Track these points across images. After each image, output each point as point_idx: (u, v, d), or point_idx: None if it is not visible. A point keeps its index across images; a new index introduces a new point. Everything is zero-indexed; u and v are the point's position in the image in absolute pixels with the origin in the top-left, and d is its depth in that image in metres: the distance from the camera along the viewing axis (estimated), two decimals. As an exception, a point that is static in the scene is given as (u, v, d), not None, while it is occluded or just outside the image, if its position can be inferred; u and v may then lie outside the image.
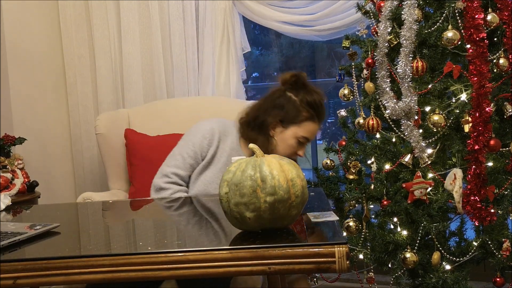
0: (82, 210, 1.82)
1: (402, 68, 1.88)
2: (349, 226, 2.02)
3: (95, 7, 2.92)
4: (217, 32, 2.81)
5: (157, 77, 2.88)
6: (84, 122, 3.01)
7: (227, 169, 1.18)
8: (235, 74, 2.82)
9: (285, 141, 1.86)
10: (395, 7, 1.95)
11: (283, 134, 1.86)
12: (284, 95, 1.88)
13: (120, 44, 2.91)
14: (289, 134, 1.86)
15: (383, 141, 2.07)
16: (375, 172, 2.02)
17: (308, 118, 1.85)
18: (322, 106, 1.89)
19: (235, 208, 1.13)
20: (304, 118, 1.85)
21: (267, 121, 1.86)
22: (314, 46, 3.58)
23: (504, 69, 1.86)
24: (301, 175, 1.16)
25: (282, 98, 1.88)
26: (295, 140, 1.86)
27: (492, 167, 1.88)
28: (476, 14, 1.79)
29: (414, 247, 1.89)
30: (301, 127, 1.86)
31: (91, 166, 3.02)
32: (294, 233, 1.21)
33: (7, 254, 1.15)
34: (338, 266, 1.05)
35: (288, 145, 1.86)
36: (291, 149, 1.87)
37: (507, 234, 1.87)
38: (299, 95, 1.87)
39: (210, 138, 1.88)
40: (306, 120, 1.85)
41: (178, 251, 1.10)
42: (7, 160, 2.46)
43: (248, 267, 1.07)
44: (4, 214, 1.70)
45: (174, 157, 1.90)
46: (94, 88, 2.99)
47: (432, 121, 1.86)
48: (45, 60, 2.93)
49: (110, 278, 1.09)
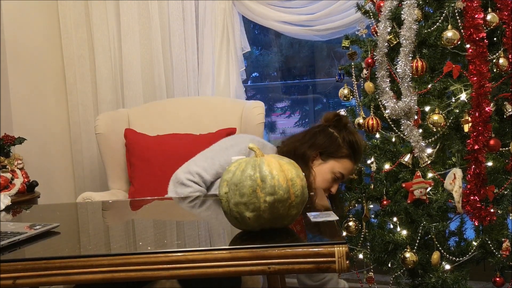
0: (81, 210, 1.82)
1: (401, 68, 1.88)
2: (348, 226, 2.02)
3: (95, 7, 2.92)
4: (217, 32, 2.81)
5: (156, 77, 2.88)
6: (84, 122, 3.01)
7: (227, 169, 1.18)
8: (234, 74, 2.82)
9: (323, 174, 1.87)
10: (394, 7, 1.95)
11: (321, 167, 1.87)
12: (326, 130, 1.91)
13: (119, 44, 2.91)
14: (328, 168, 1.87)
15: (383, 141, 2.07)
16: (375, 172, 2.02)
17: (348, 155, 1.88)
18: (361, 148, 1.92)
19: (235, 208, 1.13)
20: (344, 154, 1.88)
21: (307, 153, 1.87)
22: (314, 46, 3.57)
23: (504, 68, 1.86)
24: (300, 175, 1.16)
25: (324, 133, 1.90)
26: (332, 175, 1.87)
27: (491, 167, 1.88)
28: (476, 14, 1.79)
29: (413, 247, 1.89)
30: (339, 163, 1.88)
31: (91, 166, 3.02)
32: (294, 233, 1.21)
33: (7, 254, 1.15)
34: (337, 266, 1.05)
35: (325, 179, 1.87)
36: (327, 183, 1.88)
37: (507, 233, 1.87)
38: (341, 133, 1.90)
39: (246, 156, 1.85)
40: (345, 157, 1.88)
41: (177, 251, 1.10)
42: (7, 160, 2.46)
43: (248, 267, 1.07)
44: (4, 214, 1.70)
45: (205, 159, 1.88)
46: (94, 88, 2.99)
47: (431, 121, 1.86)
48: (45, 60, 2.93)
49: (109, 278, 1.09)
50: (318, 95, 3.73)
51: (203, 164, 1.86)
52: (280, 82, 3.80)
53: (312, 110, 3.73)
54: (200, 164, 1.86)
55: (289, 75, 3.83)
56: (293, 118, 4.13)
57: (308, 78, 3.77)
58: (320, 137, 1.90)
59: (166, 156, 2.37)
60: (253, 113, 2.46)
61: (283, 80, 3.82)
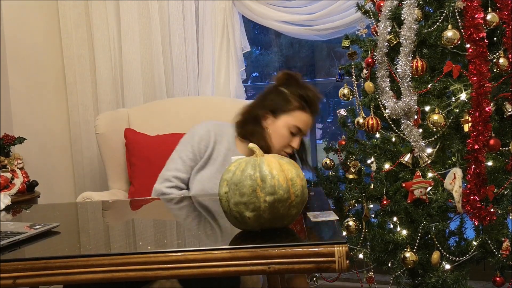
0: (81, 210, 1.82)
1: (401, 68, 1.88)
2: (348, 225, 2.02)
3: (95, 7, 2.92)
4: (217, 31, 2.81)
5: (156, 77, 2.88)
6: (84, 121, 3.01)
7: (227, 169, 1.18)
8: (234, 73, 2.82)
9: (277, 131, 1.88)
10: (395, 7, 1.95)
11: (274, 125, 1.88)
12: (276, 89, 1.93)
13: (120, 44, 2.91)
14: (281, 124, 1.87)
15: (383, 140, 2.06)
16: (375, 172, 2.02)
17: (299, 107, 1.88)
18: (314, 98, 1.92)
19: (235, 208, 1.13)
20: (294, 107, 1.88)
21: (258, 114, 1.90)
22: (314, 45, 3.57)
23: (504, 68, 1.86)
24: (300, 174, 1.16)
25: (274, 92, 1.92)
26: (286, 129, 1.87)
27: (491, 166, 1.88)
28: (476, 14, 1.79)
29: (413, 247, 1.89)
30: (291, 116, 1.87)
31: (91, 165, 3.02)
32: (293, 232, 1.21)
33: (7, 254, 1.15)
34: (337, 265, 1.05)
35: (280, 135, 1.87)
36: (284, 140, 1.87)
37: (507, 233, 1.87)
38: (290, 88, 1.91)
39: (207, 140, 1.91)
40: (297, 109, 1.88)
41: (177, 250, 1.10)
42: (7, 160, 2.46)
43: (248, 267, 1.07)
44: (4, 213, 1.70)
45: (173, 161, 1.92)
46: (94, 87, 2.99)
47: (431, 120, 1.86)
48: (45, 60, 2.93)
49: (109, 278, 1.09)
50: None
51: (174, 166, 1.90)
52: (280, 82, 3.80)
53: (312, 110, 3.72)
54: (171, 167, 1.91)
55: (289, 75, 3.82)
56: (293, 118, 4.12)
57: (308, 77, 3.76)
58: (270, 96, 1.92)
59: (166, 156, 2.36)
60: (253, 113, 2.45)
61: (283, 80, 3.81)
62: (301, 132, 1.90)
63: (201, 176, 1.88)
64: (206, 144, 1.91)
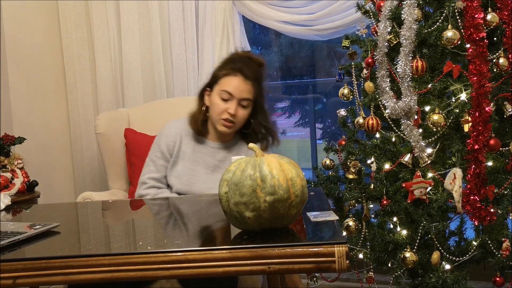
0: (82, 210, 1.82)
1: (402, 68, 1.88)
2: (348, 225, 2.01)
3: (95, 7, 2.92)
4: (217, 31, 2.81)
5: (157, 76, 2.88)
6: (84, 121, 3.01)
7: (227, 169, 1.18)
8: (235, 73, 2.81)
9: (212, 102, 1.96)
10: (395, 7, 1.95)
11: (210, 98, 1.97)
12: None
13: (120, 44, 2.91)
14: (214, 95, 1.95)
15: (383, 140, 2.06)
16: (375, 172, 2.02)
17: (226, 74, 1.94)
18: (234, 57, 2.00)
19: (235, 208, 1.13)
20: (222, 75, 1.95)
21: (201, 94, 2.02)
22: (314, 45, 3.58)
23: (504, 68, 1.86)
24: (300, 174, 1.16)
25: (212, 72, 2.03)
26: (218, 97, 1.93)
27: (491, 166, 1.88)
28: (476, 14, 1.79)
29: (413, 247, 1.89)
30: (220, 84, 1.94)
31: (91, 165, 3.02)
32: (293, 232, 1.21)
33: (7, 254, 1.15)
34: (337, 265, 1.05)
35: (214, 104, 1.94)
36: (219, 108, 1.93)
37: (507, 233, 1.87)
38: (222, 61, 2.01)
39: (172, 138, 2.01)
40: (224, 76, 1.95)
41: (177, 250, 1.10)
42: (7, 160, 2.46)
43: (248, 267, 1.07)
44: (4, 213, 1.70)
45: (146, 164, 2.04)
46: (94, 87, 2.99)
47: (432, 120, 1.86)
48: (45, 60, 2.93)
49: (109, 278, 1.09)
50: (318, 95, 3.73)
51: (147, 169, 2.01)
52: (280, 82, 3.80)
53: (312, 109, 3.73)
54: (145, 171, 2.02)
55: (289, 75, 3.83)
56: (293, 118, 4.13)
57: (308, 78, 3.77)
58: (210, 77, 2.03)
59: (166, 156, 2.37)
60: (253, 112, 2.45)
61: (283, 80, 3.82)
62: (232, 95, 1.92)
63: (176, 172, 1.97)
64: (173, 142, 2.00)
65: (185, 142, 2.01)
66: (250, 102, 1.95)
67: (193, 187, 1.95)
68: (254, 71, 1.96)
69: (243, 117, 1.95)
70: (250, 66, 1.96)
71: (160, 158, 2.00)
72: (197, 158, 2.00)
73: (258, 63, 2.00)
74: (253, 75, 1.95)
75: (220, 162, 2.00)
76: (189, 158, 1.99)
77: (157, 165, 2.00)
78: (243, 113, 1.95)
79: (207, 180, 1.97)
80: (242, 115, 1.94)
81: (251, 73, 1.94)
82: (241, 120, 1.96)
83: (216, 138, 2.02)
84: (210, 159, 2.00)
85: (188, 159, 1.99)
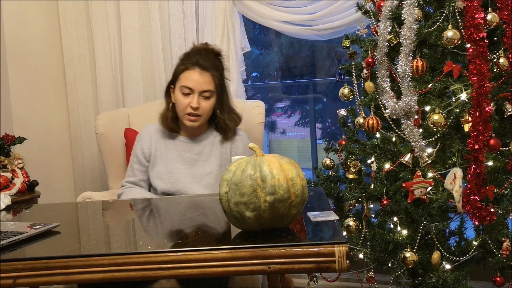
0: (82, 210, 1.82)
1: (402, 68, 1.88)
2: (349, 225, 2.01)
3: (95, 7, 2.92)
4: (217, 31, 2.81)
5: (157, 76, 2.88)
6: (84, 121, 3.01)
7: (227, 169, 1.18)
8: (235, 73, 2.82)
9: (176, 99, 2.02)
10: (395, 7, 1.95)
11: (174, 95, 2.04)
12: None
13: (120, 44, 2.91)
14: (176, 92, 2.01)
15: (383, 140, 2.06)
16: (375, 172, 2.02)
17: (184, 69, 2.00)
18: (194, 52, 2.03)
19: (235, 208, 1.13)
20: (181, 70, 2.01)
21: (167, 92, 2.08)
22: (314, 45, 3.57)
23: (504, 68, 1.86)
24: (301, 174, 1.16)
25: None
26: (180, 93, 1.99)
27: (492, 166, 1.88)
28: (476, 14, 1.79)
29: (414, 247, 1.89)
30: (181, 80, 2.00)
31: (91, 165, 3.02)
32: (294, 232, 1.21)
33: (7, 254, 1.15)
34: (338, 265, 1.05)
35: (178, 101, 2.01)
36: (182, 104, 1.99)
37: (507, 233, 1.87)
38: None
39: (146, 140, 2.10)
40: (182, 71, 2.00)
41: (178, 250, 1.10)
42: (7, 160, 2.46)
43: (248, 267, 1.07)
44: (4, 213, 1.70)
45: (126, 171, 2.16)
46: (94, 87, 2.99)
47: (432, 120, 1.86)
48: (45, 60, 2.93)
49: (110, 278, 1.09)
50: (318, 94, 3.73)
51: (127, 174, 2.14)
52: (280, 82, 3.80)
53: (312, 109, 3.73)
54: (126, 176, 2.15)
55: (289, 74, 3.83)
56: (293, 118, 4.13)
57: (308, 77, 3.77)
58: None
59: (166, 156, 2.37)
60: (253, 112, 2.46)
61: (283, 80, 3.82)
62: (192, 89, 1.97)
63: (157, 172, 2.04)
64: (147, 146, 2.09)
65: (159, 143, 2.08)
66: (213, 93, 1.99)
67: (176, 184, 2.00)
68: (211, 61, 2.00)
69: (208, 108, 2.00)
70: (206, 57, 2.01)
71: (135, 163, 2.09)
72: (174, 156, 2.04)
73: (214, 53, 2.04)
74: (210, 65, 1.99)
75: (197, 155, 2.04)
76: (167, 157, 2.05)
77: (134, 169, 2.10)
78: (207, 105, 1.99)
79: (188, 175, 2.01)
80: (205, 107, 1.99)
81: (208, 64, 1.99)
82: (206, 112, 2.00)
83: (189, 133, 2.07)
84: (187, 154, 2.04)
85: (165, 159, 2.05)
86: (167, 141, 2.08)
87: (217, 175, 2.01)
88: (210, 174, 2.01)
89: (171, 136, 2.09)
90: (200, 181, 2.00)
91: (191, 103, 1.96)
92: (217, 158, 2.05)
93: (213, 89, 1.99)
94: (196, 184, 1.99)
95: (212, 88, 1.99)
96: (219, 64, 2.05)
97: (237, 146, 2.08)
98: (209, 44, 2.10)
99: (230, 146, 2.07)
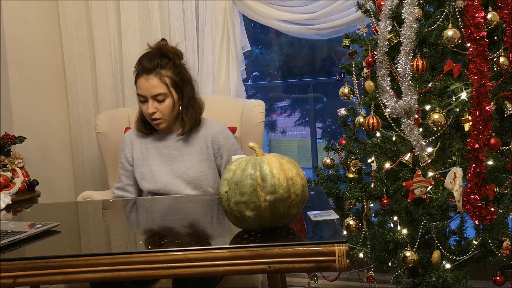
0: (82, 209, 1.82)
1: (402, 67, 1.88)
2: (349, 224, 2.02)
3: (95, 6, 2.92)
4: (217, 31, 2.80)
5: (157, 76, 2.88)
6: (84, 121, 3.01)
7: (228, 168, 1.18)
8: (235, 73, 2.81)
9: (139, 107, 2.06)
10: (395, 6, 1.95)
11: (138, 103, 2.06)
12: None
13: (120, 43, 2.91)
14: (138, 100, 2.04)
15: (383, 139, 2.06)
16: (375, 171, 2.02)
17: (135, 78, 2.01)
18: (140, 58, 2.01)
19: (235, 207, 1.13)
20: (135, 81, 2.02)
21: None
22: (314, 44, 3.58)
23: (504, 67, 1.86)
24: (301, 173, 1.16)
25: None
26: (139, 101, 2.03)
27: (492, 165, 1.88)
28: (476, 13, 1.79)
29: (414, 246, 1.89)
30: (136, 89, 2.02)
31: (91, 165, 3.02)
32: (294, 232, 1.21)
33: (7, 253, 1.15)
34: (338, 264, 1.05)
35: (140, 108, 2.05)
36: (143, 111, 2.03)
37: (507, 232, 1.87)
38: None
39: (126, 146, 2.14)
40: (135, 80, 2.01)
41: (178, 250, 1.10)
42: (7, 159, 2.46)
43: (248, 266, 1.07)
44: (4, 213, 1.70)
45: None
46: (94, 87, 2.99)
47: (432, 119, 1.86)
48: (45, 59, 2.93)
49: (110, 277, 1.09)
50: (319, 94, 3.73)
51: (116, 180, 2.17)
52: (280, 81, 3.81)
53: (312, 109, 3.73)
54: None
55: (289, 74, 3.83)
56: (293, 117, 4.13)
57: (309, 77, 3.77)
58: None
59: (167, 155, 2.37)
60: (253, 112, 2.46)
61: (283, 79, 3.82)
62: (144, 97, 1.98)
63: (140, 174, 2.07)
64: (128, 150, 2.13)
65: (139, 145, 2.11)
66: (166, 94, 1.98)
67: (159, 181, 2.02)
68: (156, 62, 1.97)
69: (166, 110, 1.99)
70: (149, 57, 1.98)
71: (121, 169, 2.14)
72: (154, 155, 2.07)
73: (156, 50, 2.01)
74: (156, 66, 1.96)
75: (175, 150, 2.05)
76: (148, 157, 2.07)
77: (120, 175, 2.14)
78: (163, 107, 1.99)
79: (169, 172, 2.02)
80: (162, 109, 1.99)
81: (151, 66, 1.96)
82: (166, 114, 2.00)
83: (164, 131, 2.08)
84: (166, 151, 2.06)
85: (147, 159, 2.07)
86: (147, 141, 2.11)
87: (198, 168, 2.01)
88: (191, 168, 2.01)
89: (149, 136, 2.12)
90: (181, 176, 2.00)
91: (148, 109, 1.98)
92: (196, 152, 2.03)
93: (164, 90, 1.96)
94: (178, 179, 1.99)
95: (163, 90, 1.96)
96: (167, 61, 1.98)
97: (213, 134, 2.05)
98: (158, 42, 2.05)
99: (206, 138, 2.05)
